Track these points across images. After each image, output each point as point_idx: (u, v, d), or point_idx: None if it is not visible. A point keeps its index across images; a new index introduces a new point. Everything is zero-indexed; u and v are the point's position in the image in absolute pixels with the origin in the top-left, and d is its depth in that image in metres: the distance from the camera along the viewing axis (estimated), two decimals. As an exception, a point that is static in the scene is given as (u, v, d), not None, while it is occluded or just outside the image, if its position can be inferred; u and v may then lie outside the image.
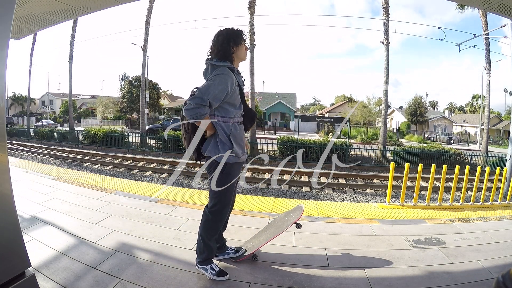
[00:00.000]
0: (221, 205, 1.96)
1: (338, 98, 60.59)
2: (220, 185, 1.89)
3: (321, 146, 12.47)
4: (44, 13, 3.40)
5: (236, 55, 1.92)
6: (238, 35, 1.90)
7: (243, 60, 1.99)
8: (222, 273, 2.01)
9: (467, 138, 35.09)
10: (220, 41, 1.87)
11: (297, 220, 2.32)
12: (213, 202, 1.96)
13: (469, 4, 9.14)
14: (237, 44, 1.90)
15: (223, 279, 1.99)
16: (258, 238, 2.45)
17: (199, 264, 2.03)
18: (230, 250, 2.25)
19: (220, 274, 1.99)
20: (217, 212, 1.96)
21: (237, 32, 1.91)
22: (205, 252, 2.00)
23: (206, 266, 2.00)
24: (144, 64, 17.54)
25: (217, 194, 1.93)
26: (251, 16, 14.32)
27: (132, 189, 4.20)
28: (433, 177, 4.12)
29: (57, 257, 2.19)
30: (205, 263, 2.01)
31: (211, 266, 2.01)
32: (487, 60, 15.53)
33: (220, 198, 1.94)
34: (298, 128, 14.81)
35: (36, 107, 45.86)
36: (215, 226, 2.00)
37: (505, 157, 9.05)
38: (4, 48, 1.30)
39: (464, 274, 2.19)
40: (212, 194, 1.96)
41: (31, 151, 14.24)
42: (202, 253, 2.01)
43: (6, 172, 1.34)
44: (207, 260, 2.01)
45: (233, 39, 1.88)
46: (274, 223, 2.55)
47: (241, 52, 1.93)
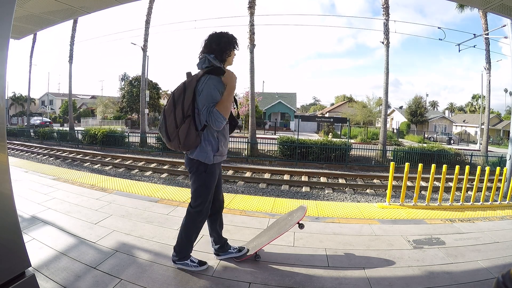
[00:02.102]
0: (204, 203, 1.99)
1: (338, 98, 60.59)
2: (205, 185, 1.95)
3: (321, 146, 12.47)
4: (44, 13, 3.40)
5: (228, 61, 1.99)
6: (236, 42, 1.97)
7: (230, 65, 2.05)
8: (202, 263, 2.10)
9: (467, 138, 35.09)
10: (223, 42, 1.91)
11: (300, 221, 2.32)
12: (197, 201, 1.98)
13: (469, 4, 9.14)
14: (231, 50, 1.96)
15: (204, 267, 2.08)
16: (260, 238, 2.45)
17: (178, 261, 2.07)
18: (233, 249, 2.26)
19: (201, 264, 2.08)
20: (199, 211, 2.00)
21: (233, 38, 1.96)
22: (185, 249, 2.06)
23: (186, 261, 2.06)
24: (144, 64, 17.54)
25: (201, 193, 1.97)
26: (251, 16, 14.32)
27: (132, 189, 4.20)
28: (433, 177, 4.13)
29: (57, 257, 2.19)
30: (184, 258, 2.06)
31: (190, 259, 2.07)
32: (487, 60, 15.52)
33: (204, 197, 1.98)
34: (298, 128, 14.79)
35: (36, 107, 45.85)
36: (199, 224, 2.04)
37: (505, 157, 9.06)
38: (4, 48, 1.30)
39: (464, 274, 2.19)
40: (197, 194, 1.99)
41: (31, 151, 14.24)
42: (181, 251, 2.06)
43: (6, 172, 1.34)
44: (185, 256, 2.07)
45: (233, 45, 1.95)
46: (277, 223, 2.55)
47: (232, 58, 2.01)
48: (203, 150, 1.88)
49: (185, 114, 1.83)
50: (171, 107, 1.86)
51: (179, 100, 1.85)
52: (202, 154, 1.89)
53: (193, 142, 1.84)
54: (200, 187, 1.96)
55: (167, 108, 1.89)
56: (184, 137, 1.82)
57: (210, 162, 1.90)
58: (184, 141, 1.83)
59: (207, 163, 1.90)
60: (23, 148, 15.21)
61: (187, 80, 1.90)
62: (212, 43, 1.92)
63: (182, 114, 1.83)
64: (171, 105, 1.86)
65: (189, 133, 1.82)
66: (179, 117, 1.83)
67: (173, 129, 1.84)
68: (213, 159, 1.91)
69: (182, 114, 1.83)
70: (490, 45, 15.38)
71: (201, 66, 1.93)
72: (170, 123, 1.85)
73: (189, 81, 1.87)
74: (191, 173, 1.97)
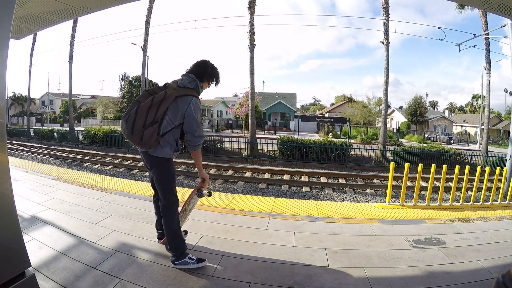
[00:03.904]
0: (173, 192, 2.15)
1: (338, 98, 60.64)
2: (169, 175, 2.14)
3: (321, 146, 12.47)
4: (44, 13, 3.40)
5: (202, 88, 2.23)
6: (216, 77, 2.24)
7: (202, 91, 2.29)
8: (200, 260, 2.15)
9: (467, 138, 35.08)
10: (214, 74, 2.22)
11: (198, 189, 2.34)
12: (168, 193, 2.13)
13: (469, 4, 9.13)
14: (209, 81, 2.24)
15: (203, 264, 2.14)
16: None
17: (177, 261, 2.11)
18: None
19: (199, 261, 2.14)
20: (172, 201, 2.13)
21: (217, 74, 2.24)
22: (179, 245, 2.12)
23: (185, 259, 2.10)
24: (144, 64, 17.54)
25: (167, 184, 2.14)
26: (251, 16, 14.32)
27: (132, 189, 4.20)
28: (433, 177, 4.13)
29: (57, 257, 2.19)
30: (182, 257, 2.11)
31: (189, 257, 2.12)
32: (487, 60, 15.52)
33: (171, 186, 2.15)
34: (298, 128, 14.80)
35: (36, 107, 45.81)
36: (176, 214, 2.14)
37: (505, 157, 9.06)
38: (4, 48, 1.30)
39: (464, 274, 2.19)
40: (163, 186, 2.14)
41: (31, 151, 14.24)
42: (177, 248, 2.11)
43: (6, 172, 1.34)
44: (183, 254, 2.12)
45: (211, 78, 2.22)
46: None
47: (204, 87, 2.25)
48: (164, 149, 2.07)
49: (155, 119, 2.00)
50: (147, 107, 1.99)
51: (156, 105, 2.00)
52: (163, 153, 2.07)
53: (152, 143, 2.03)
54: (166, 178, 2.13)
55: (143, 105, 2.00)
56: (147, 138, 1.99)
57: (169, 156, 2.11)
58: (145, 141, 2.01)
59: (167, 157, 2.10)
60: (23, 148, 15.20)
61: (169, 91, 2.05)
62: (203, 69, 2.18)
63: (153, 118, 1.99)
64: (148, 105, 2.00)
65: (152, 136, 2.00)
66: (150, 119, 1.99)
67: (140, 126, 1.98)
68: (172, 156, 2.13)
69: (153, 118, 1.99)
70: (490, 45, 15.39)
71: (186, 84, 2.11)
72: (140, 120, 1.98)
73: (170, 94, 2.03)
74: (153, 168, 2.13)
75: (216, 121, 33.13)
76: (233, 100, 38.52)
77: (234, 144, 13.88)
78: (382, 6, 14.26)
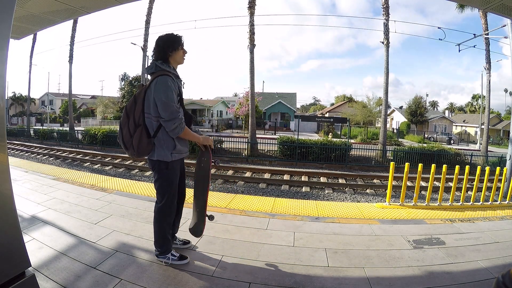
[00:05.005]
0: (169, 199, 2.09)
1: (338, 98, 60.61)
2: (167, 181, 2.06)
3: (321, 146, 12.46)
4: (44, 13, 3.40)
5: (174, 58, 2.06)
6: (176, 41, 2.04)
7: (180, 63, 2.13)
8: (182, 257, 2.19)
9: (467, 138, 35.07)
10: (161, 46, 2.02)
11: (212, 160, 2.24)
12: (163, 198, 2.09)
13: (469, 4, 9.13)
14: (175, 49, 2.03)
15: (185, 262, 2.17)
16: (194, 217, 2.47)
17: (159, 255, 2.17)
18: (178, 241, 2.41)
19: (181, 258, 2.18)
20: (166, 206, 2.10)
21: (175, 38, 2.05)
22: (163, 245, 2.15)
23: (167, 255, 2.16)
24: (144, 64, 17.52)
25: (165, 189, 2.08)
26: (251, 16, 14.31)
27: (132, 189, 4.20)
28: (433, 177, 4.13)
29: (57, 257, 2.19)
30: (165, 253, 2.16)
31: (171, 253, 2.17)
32: (487, 60, 15.52)
33: (169, 193, 2.09)
34: (298, 128, 14.79)
35: (36, 107, 45.82)
36: (167, 219, 2.13)
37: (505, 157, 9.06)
38: (4, 48, 1.30)
39: (464, 274, 2.19)
40: (160, 191, 2.09)
41: (31, 151, 14.24)
42: (161, 246, 2.16)
43: (6, 172, 1.34)
44: (166, 251, 2.17)
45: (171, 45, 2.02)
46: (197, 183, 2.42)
47: (177, 56, 2.07)
48: (160, 150, 2.00)
49: (137, 123, 1.96)
50: (125, 119, 1.99)
51: (131, 111, 1.97)
52: (160, 154, 2.00)
53: (145, 148, 1.98)
54: (164, 183, 2.07)
55: (122, 120, 2.02)
56: (137, 145, 1.95)
57: (169, 160, 2.01)
58: (138, 149, 1.97)
59: (167, 161, 2.01)
60: (23, 148, 15.21)
61: (137, 92, 2.01)
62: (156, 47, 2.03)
63: (134, 124, 1.96)
64: (125, 117, 1.99)
65: (141, 141, 1.95)
66: (132, 127, 1.96)
67: (128, 138, 1.98)
68: (171, 156, 2.02)
69: (134, 124, 1.96)
70: (490, 45, 15.40)
71: (148, 72, 2.04)
72: (126, 133, 1.99)
73: (138, 93, 1.99)
74: (154, 171, 2.09)
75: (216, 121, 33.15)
76: (233, 100, 38.49)
77: (234, 144, 13.88)
78: (382, 6, 14.27)
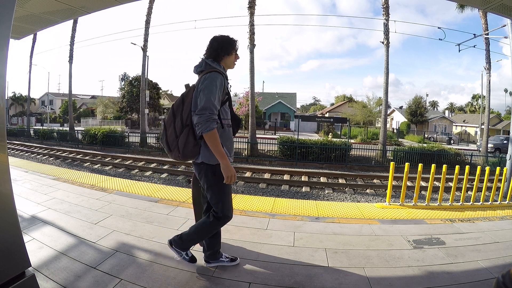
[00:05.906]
0: (225, 206, 1.95)
1: (338, 98, 60.62)
2: (217, 187, 1.91)
3: (321, 146, 12.46)
4: (44, 13, 3.40)
5: (226, 62, 1.97)
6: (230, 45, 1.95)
7: (230, 68, 2.03)
8: (193, 259, 2.15)
9: (467, 138, 35.07)
10: (215, 47, 1.93)
11: None
12: (218, 206, 1.94)
13: (469, 4, 9.13)
14: (228, 53, 1.95)
15: (192, 263, 2.13)
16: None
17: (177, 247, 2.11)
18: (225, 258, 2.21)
19: (191, 260, 2.14)
20: (224, 215, 1.95)
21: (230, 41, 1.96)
22: (187, 244, 2.10)
23: (182, 252, 2.12)
24: (144, 64, 17.53)
25: (218, 197, 1.93)
26: (251, 16, 14.31)
27: (132, 189, 4.20)
28: (433, 177, 4.13)
29: (57, 257, 2.19)
30: (183, 250, 2.12)
31: (186, 253, 2.13)
32: (487, 60, 15.51)
33: (223, 200, 1.95)
34: (298, 128, 14.78)
35: (36, 107, 45.83)
36: (214, 229, 2.04)
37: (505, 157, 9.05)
38: (4, 48, 1.30)
39: (464, 274, 2.19)
40: (214, 199, 1.94)
41: (31, 151, 14.23)
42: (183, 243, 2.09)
43: (6, 172, 1.34)
44: (185, 248, 2.12)
45: (225, 49, 1.93)
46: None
47: (229, 61, 1.99)
48: (205, 152, 1.86)
49: (184, 124, 1.86)
50: (171, 118, 1.91)
51: (178, 111, 1.89)
52: (205, 156, 1.87)
53: (191, 150, 1.86)
54: (215, 190, 1.92)
55: (167, 119, 1.94)
56: (182, 146, 1.85)
57: (215, 162, 1.84)
58: (183, 150, 1.85)
59: (212, 164, 1.86)
60: (23, 148, 15.20)
61: (185, 92, 1.93)
62: (210, 47, 1.94)
63: (181, 124, 1.86)
64: (171, 116, 1.91)
65: (187, 142, 1.84)
66: (178, 127, 1.86)
67: (173, 139, 1.88)
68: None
69: (181, 124, 1.86)
70: (490, 45, 15.38)
71: (196, 70, 1.96)
72: (170, 133, 1.90)
73: (187, 93, 1.91)
74: (201, 180, 1.95)
75: (216, 121, 33.02)
76: (233, 100, 38.50)
77: (234, 144, 13.80)
78: (382, 6, 14.27)
